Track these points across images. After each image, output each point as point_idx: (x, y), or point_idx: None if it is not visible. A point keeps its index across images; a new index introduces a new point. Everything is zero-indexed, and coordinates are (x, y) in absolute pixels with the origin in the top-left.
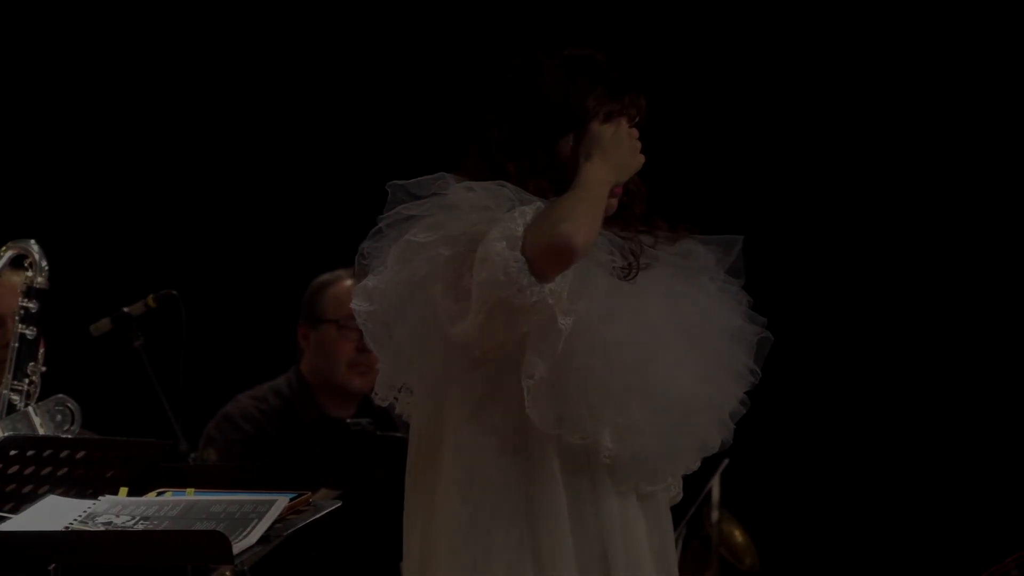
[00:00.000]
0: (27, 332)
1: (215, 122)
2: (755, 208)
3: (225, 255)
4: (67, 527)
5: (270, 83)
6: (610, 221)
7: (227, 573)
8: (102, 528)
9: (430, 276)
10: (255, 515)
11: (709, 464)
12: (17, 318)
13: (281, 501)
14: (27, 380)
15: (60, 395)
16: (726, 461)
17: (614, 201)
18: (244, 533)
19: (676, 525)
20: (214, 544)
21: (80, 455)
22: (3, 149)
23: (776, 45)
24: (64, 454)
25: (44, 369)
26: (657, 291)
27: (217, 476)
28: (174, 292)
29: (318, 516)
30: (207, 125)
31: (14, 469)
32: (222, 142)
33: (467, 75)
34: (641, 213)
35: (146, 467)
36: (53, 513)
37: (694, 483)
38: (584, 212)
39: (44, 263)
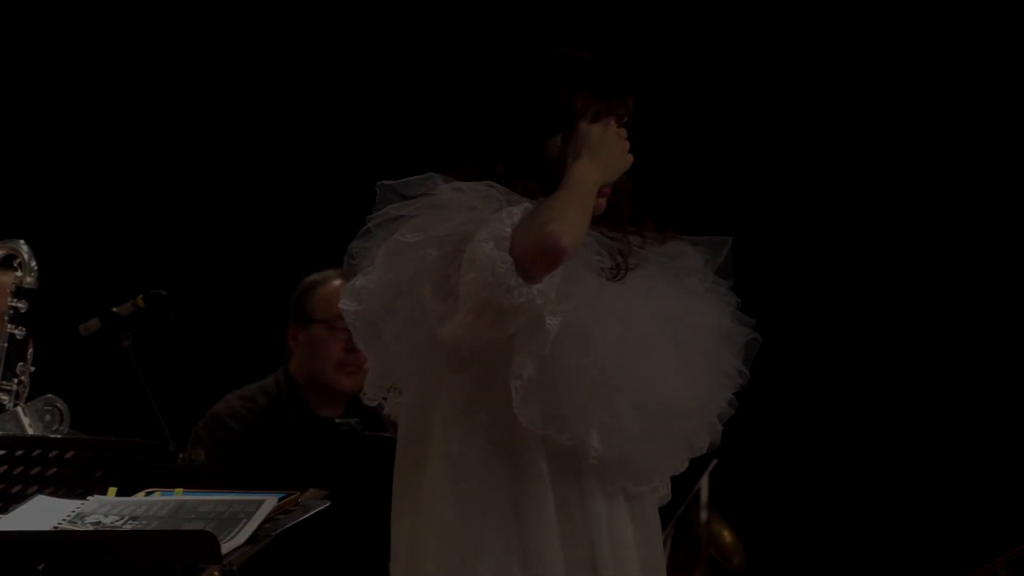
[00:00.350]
0: (16, 332)
1: (205, 123)
2: (744, 209)
3: (214, 255)
4: (56, 527)
5: (260, 84)
6: (598, 221)
7: (216, 573)
8: (91, 528)
9: (418, 276)
10: (244, 515)
11: (697, 465)
12: (6, 318)
13: (270, 501)
14: (16, 380)
15: (49, 395)
16: (714, 462)
17: (602, 201)
18: (233, 533)
19: (664, 525)
20: (203, 544)
21: (69, 455)
22: None
23: (764, 45)
24: (53, 454)
25: (33, 369)
26: (645, 292)
27: (206, 476)
28: (163, 292)
29: (307, 516)
30: (197, 126)
31: (3, 469)
32: (211, 143)
33: (456, 75)
34: (629, 213)
35: (135, 467)
36: (42, 513)
37: (682, 483)
38: (572, 212)
39: (33, 263)
